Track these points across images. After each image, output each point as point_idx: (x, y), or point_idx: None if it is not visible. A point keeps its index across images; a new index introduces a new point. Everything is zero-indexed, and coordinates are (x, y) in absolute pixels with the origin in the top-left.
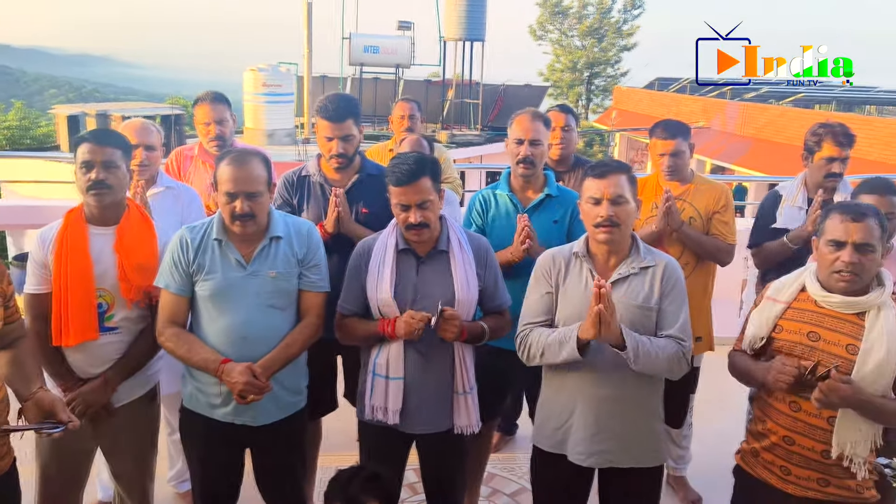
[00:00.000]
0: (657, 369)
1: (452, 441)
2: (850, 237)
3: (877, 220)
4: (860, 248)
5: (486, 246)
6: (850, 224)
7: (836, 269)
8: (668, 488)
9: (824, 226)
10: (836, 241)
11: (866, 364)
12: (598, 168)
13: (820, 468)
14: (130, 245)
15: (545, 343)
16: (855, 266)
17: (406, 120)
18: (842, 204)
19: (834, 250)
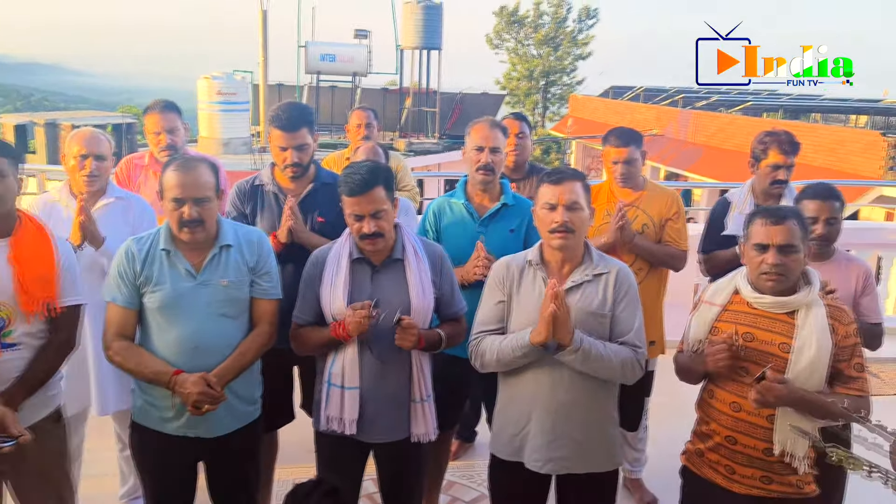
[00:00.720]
0: (610, 373)
1: (410, 449)
2: (773, 240)
3: (797, 221)
4: (783, 250)
5: (442, 253)
6: (771, 227)
7: (762, 270)
8: (625, 491)
9: (749, 231)
10: (759, 244)
11: (799, 362)
12: (553, 175)
13: (763, 466)
14: (26, 256)
15: (498, 349)
16: (779, 267)
17: (363, 128)
18: (763, 208)
19: (759, 253)
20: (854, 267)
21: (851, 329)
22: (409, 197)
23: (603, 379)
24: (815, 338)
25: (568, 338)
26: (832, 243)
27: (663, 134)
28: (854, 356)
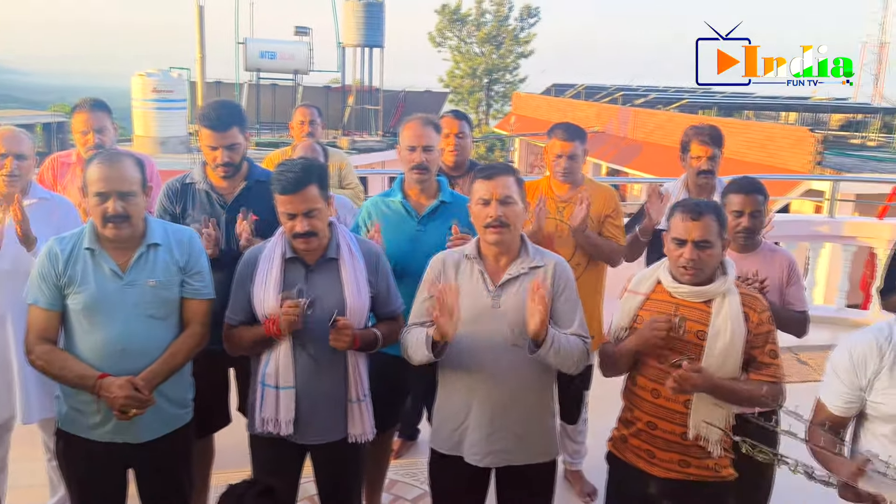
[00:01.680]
0: (571, 365)
1: (347, 450)
2: (690, 235)
3: (715, 216)
4: (699, 245)
5: (378, 252)
6: (689, 223)
7: (679, 264)
8: (565, 482)
9: (670, 223)
10: (678, 239)
11: (714, 348)
12: (486, 170)
13: (680, 450)
14: None
15: (412, 342)
16: (695, 262)
17: (306, 125)
18: (684, 202)
19: (677, 247)
20: (779, 258)
21: (765, 316)
22: (353, 195)
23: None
24: (729, 325)
25: (544, 333)
26: (757, 235)
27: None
28: (768, 343)
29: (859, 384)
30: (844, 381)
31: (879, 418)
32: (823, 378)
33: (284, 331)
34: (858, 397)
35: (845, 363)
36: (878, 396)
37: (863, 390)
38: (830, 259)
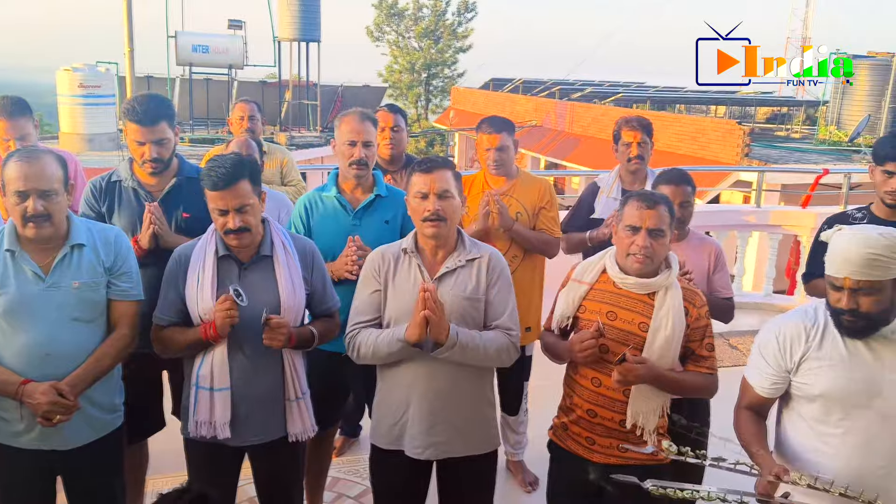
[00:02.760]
0: (486, 362)
1: (287, 449)
2: (644, 223)
3: (667, 207)
4: (652, 233)
5: (313, 249)
6: (644, 211)
7: (631, 251)
8: (507, 472)
9: (623, 212)
10: (632, 226)
11: (655, 341)
12: (423, 164)
13: (619, 436)
14: None
15: (374, 343)
16: (647, 249)
17: (246, 121)
18: (638, 192)
19: (630, 235)
20: (706, 246)
21: (703, 311)
22: (295, 192)
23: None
24: (670, 318)
25: (444, 335)
26: (686, 225)
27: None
28: (705, 337)
29: (786, 366)
30: (771, 363)
31: (804, 398)
32: (749, 360)
33: (222, 331)
34: (784, 378)
35: (772, 345)
36: (804, 377)
37: (789, 372)
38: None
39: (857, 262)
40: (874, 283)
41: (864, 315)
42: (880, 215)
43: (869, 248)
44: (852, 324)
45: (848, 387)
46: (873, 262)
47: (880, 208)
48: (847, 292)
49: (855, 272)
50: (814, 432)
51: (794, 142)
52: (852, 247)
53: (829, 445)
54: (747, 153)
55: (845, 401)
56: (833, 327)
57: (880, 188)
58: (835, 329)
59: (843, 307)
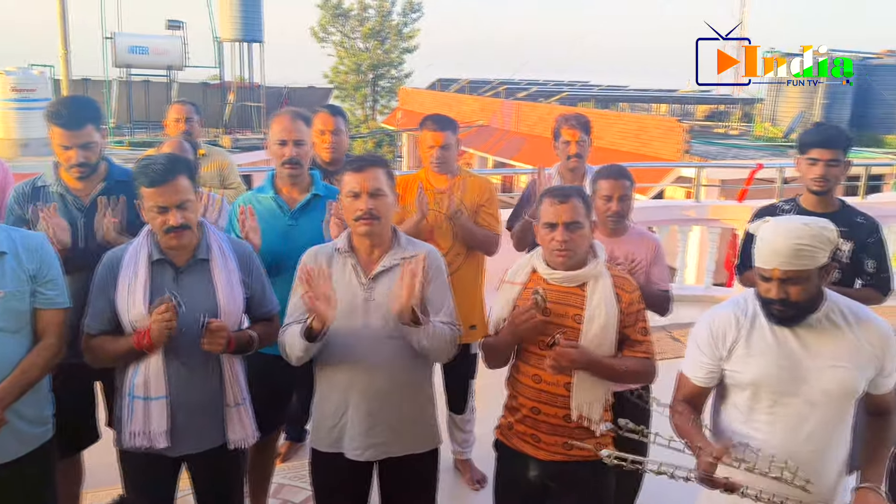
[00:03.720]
0: (443, 349)
1: (227, 457)
2: (560, 218)
3: (581, 199)
4: (569, 227)
5: (250, 251)
6: (558, 206)
7: (552, 247)
8: (455, 471)
9: (539, 210)
10: (549, 223)
11: (590, 330)
12: (355, 163)
13: (564, 432)
14: None
15: (289, 339)
16: (567, 243)
17: (182, 123)
18: (550, 189)
19: (549, 231)
20: (646, 240)
21: (636, 296)
22: (235, 195)
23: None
24: (603, 307)
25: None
26: (625, 219)
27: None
28: (638, 321)
29: (719, 355)
30: (706, 352)
31: (737, 386)
32: (685, 353)
33: (157, 341)
34: (718, 367)
35: (705, 336)
36: (736, 365)
37: (722, 360)
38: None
39: (785, 252)
40: (801, 272)
41: (793, 304)
42: (807, 206)
43: (795, 239)
44: (782, 313)
45: (776, 374)
46: (800, 252)
47: (808, 199)
48: (776, 283)
49: (783, 263)
50: (745, 420)
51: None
52: (779, 238)
53: (760, 432)
54: (687, 150)
55: (774, 388)
56: (762, 317)
57: (806, 176)
58: (764, 318)
59: (773, 297)
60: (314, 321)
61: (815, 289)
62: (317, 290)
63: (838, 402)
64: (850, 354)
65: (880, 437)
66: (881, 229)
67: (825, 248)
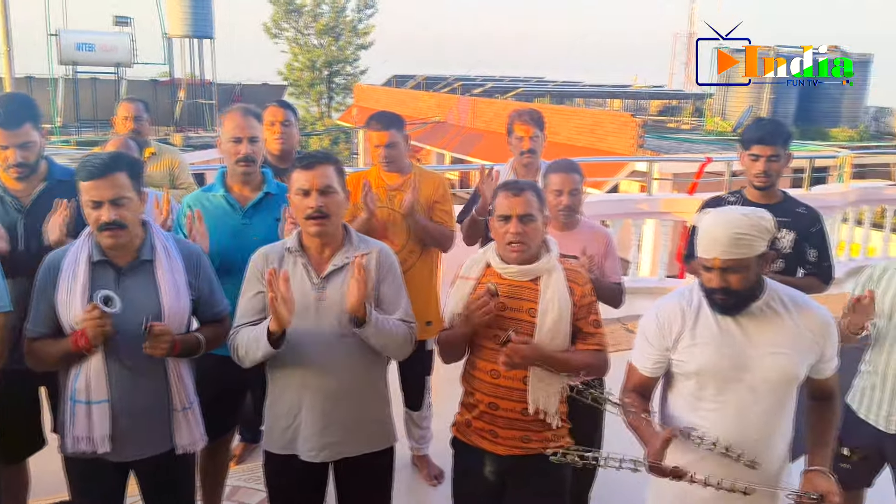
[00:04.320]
0: (395, 347)
1: (175, 462)
2: (514, 211)
3: (534, 193)
4: (523, 220)
5: (198, 252)
6: (512, 199)
7: (507, 240)
8: (413, 467)
9: (494, 204)
10: (503, 215)
11: (545, 324)
12: (304, 160)
13: (521, 426)
14: None
15: (246, 343)
16: (521, 236)
17: (131, 121)
18: (504, 183)
19: (503, 224)
20: (597, 234)
21: (588, 289)
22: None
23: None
24: (556, 300)
25: (362, 311)
26: (576, 213)
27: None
28: (591, 314)
29: (665, 346)
30: (653, 343)
31: (683, 375)
32: (634, 344)
33: (94, 342)
34: (665, 357)
35: (652, 327)
36: (682, 355)
37: (669, 351)
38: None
39: (724, 241)
40: (741, 260)
41: (734, 292)
42: (752, 199)
43: (734, 228)
44: (724, 301)
45: (720, 363)
46: (739, 241)
47: (751, 192)
48: (717, 272)
49: (723, 252)
50: (692, 408)
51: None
52: (718, 228)
53: (706, 420)
54: (641, 144)
55: (718, 376)
56: (707, 307)
57: (749, 171)
58: (708, 308)
59: (715, 286)
60: (271, 323)
61: (755, 277)
62: (277, 292)
63: (780, 389)
64: (791, 341)
65: (825, 421)
66: (822, 220)
67: (763, 237)
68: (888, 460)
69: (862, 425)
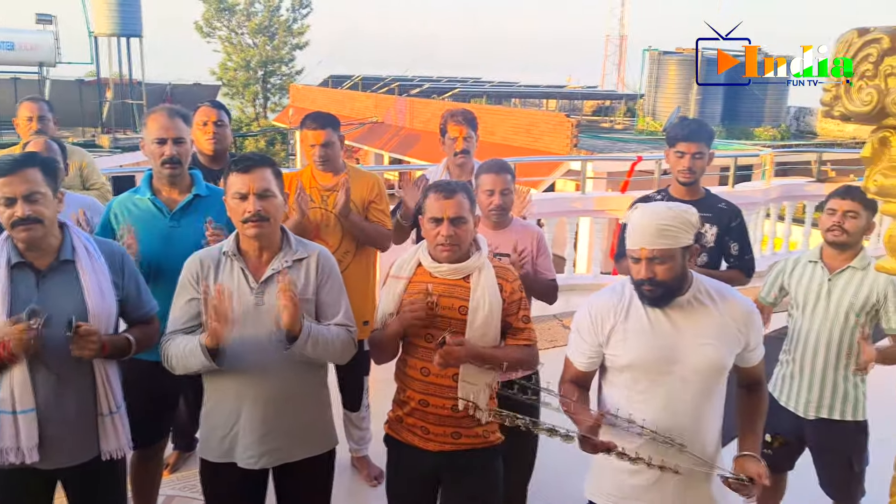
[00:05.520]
0: (334, 356)
1: (103, 470)
2: (445, 213)
3: (465, 194)
4: (454, 222)
5: (121, 252)
6: (443, 201)
7: (437, 242)
8: (352, 469)
9: (425, 205)
10: (434, 217)
11: (475, 321)
12: (241, 162)
13: (452, 423)
14: None
15: (180, 353)
16: (452, 238)
17: (35, 122)
18: (435, 184)
19: (435, 226)
20: (529, 232)
21: (517, 285)
22: (100, 195)
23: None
24: (487, 297)
25: (298, 327)
26: (508, 212)
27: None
28: (520, 310)
29: (599, 341)
30: (586, 338)
31: (616, 369)
32: (569, 338)
33: (18, 354)
34: (598, 352)
35: (586, 322)
36: (615, 349)
37: (602, 346)
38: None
39: (650, 232)
40: (666, 251)
41: (660, 283)
42: (677, 196)
43: (659, 220)
44: (652, 292)
45: (651, 355)
46: (664, 232)
47: (676, 188)
48: (644, 262)
49: (649, 242)
50: (626, 400)
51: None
52: (644, 220)
53: (640, 411)
54: (576, 144)
55: (650, 368)
56: (637, 301)
57: (675, 168)
58: (639, 302)
59: (643, 277)
60: (207, 339)
61: (681, 269)
62: (218, 309)
63: (708, 378)
64: (717, 332)
65: (754, 408)
66: (742, 215)
67: (687, 230)
68: (807, 444)
69: (782, 412)
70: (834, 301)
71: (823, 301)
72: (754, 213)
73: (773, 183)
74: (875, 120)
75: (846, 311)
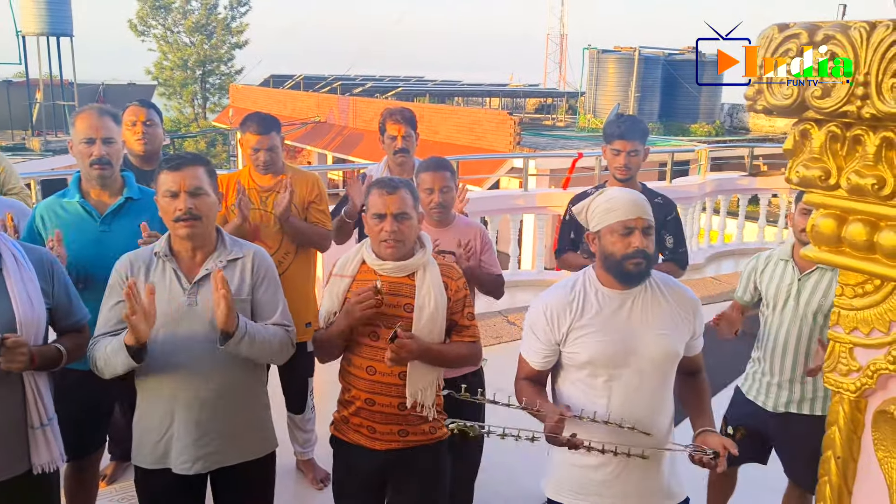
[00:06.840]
0: (271, 355)
1: (34, 484)
2: (388, 209)
3: (408, 190)
4: (398, 217)
5: (51, 258)
6: (386, 197)
7: (381, 238)
8: (298, 473)
9: (367, 201)
10: (377, 213)
11: (421, 318)
12: (172, 161)
13: (398, 420)
14: None
15: (104, 355)
16: (395, 234)
17: None
18: (378, 181)
19: (378, 222)
20: (472, 229)
21: (461, 283)
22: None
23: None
24: (432, 295)
25: (234, 325)
26: (450, 210)
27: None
28: (465, 307)
29: (555, 339)
30: (541, 338)
31: (574, 366)
32: (523, 336)
33: None
34: (554, 351)
35: (541, 322)
36: (572, 347)
37: (558, 344)
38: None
39: (638, 204)
40: (652, 225)
41: (649, 257)
42: None
43: (636, 196)
44: (640, 267)
45: (609, 349)
46: (645, 206)
47: (614, 184)
48: (639, 232)
49: (644, 212)
50: (585, 395)
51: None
52: (624, 196)
53: (598, 406)
54: (519, 141)
55: (608, 362)
56: (592, 296)
57: (611, 164)
58: (593, 297)
59: (639, 247)
60: (128, 337)
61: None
62: (137, 305)
63: (663, 367)
64: (671, 322)
65: (700, 391)
66: (677, 209)
67: None
68: (770, 437)
69: (748, 405)
70: (803, 301)
71: (793, 301)
72: (691, 206)
73: (709, 177)
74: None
75: (814, 312)
